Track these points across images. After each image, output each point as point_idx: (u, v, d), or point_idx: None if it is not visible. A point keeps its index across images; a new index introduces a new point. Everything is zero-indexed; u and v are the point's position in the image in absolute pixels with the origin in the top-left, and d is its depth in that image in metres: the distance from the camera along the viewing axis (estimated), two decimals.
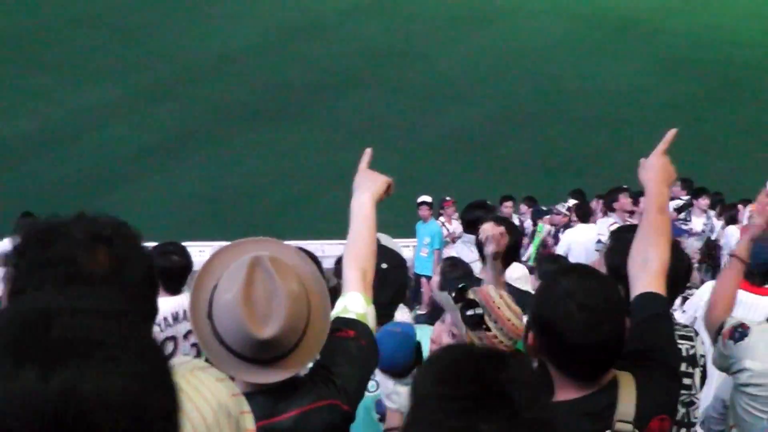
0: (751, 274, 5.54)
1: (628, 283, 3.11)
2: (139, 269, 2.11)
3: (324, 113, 31.48)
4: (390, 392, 3.30)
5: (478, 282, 5.65)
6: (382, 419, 3.53)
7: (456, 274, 7.79)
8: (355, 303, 3.10)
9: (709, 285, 6.50)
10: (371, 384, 4.02)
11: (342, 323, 3.01)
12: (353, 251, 3.24)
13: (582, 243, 12.21)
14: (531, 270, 8.58)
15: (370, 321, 3.10)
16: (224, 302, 2.67)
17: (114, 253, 2.06)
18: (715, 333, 3.87)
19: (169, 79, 32.72)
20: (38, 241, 2.06)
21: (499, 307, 3.48)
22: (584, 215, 13.52)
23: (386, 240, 4.46)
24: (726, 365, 3.84)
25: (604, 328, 2.68)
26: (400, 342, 3.41)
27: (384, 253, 4.35)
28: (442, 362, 1.98)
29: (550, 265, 7.66)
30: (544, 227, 15.47)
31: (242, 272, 2.66)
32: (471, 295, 3.58)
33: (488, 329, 3.50)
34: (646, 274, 3.03)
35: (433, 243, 15.08)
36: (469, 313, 3.53)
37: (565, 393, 2.77)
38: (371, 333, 3.07)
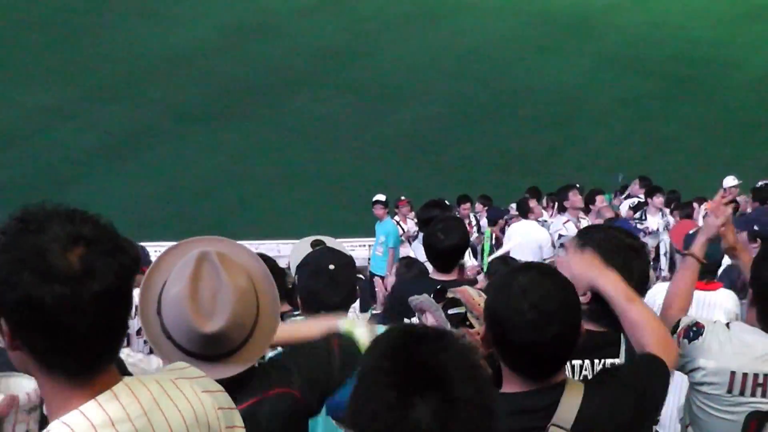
0: (701, 273, 5.58)
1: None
2: (108, 280, 2.01)
3: (275, 113, 31.37)
4: None
5: (432, 282, 5.67)
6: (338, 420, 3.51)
7: (411, 273, 7.80)
8: (360, 330, 3.14)
9: (660, 285, 6.55)
10: None
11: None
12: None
13: (521, 234, 12.32)
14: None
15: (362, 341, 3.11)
16: (171, 297, 2.66)
17: (88, 258, 1.99)
18: (670, 332, 3.88)
19: (121, 80, 32.45)
20: (17, 232, 2.00)
21: (480, 305, 3.48)
22: (523, 211, 13.60)
23: (330, 242, 4.44)
24: (680, 364, 3.85)
25: (552, 329, 2.68)
26: None
27: (330, 254, 4.32)
28: (386, 339, 2.04)
29: (499, 265, 7.67)
30: (491, 232, 15.49)
31: (189, 267, 2.64)
32: (451, 294, 3.58)
33: (471, 326, 3.51)
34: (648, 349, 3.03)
35: (387, 241, 15.09)
36: (453, 311, 3.54)
37: (511, 387, 2.78)
38: (353, 345, 3.06)
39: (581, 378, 3.27)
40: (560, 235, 11.98)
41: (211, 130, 29.84)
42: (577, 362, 3.33)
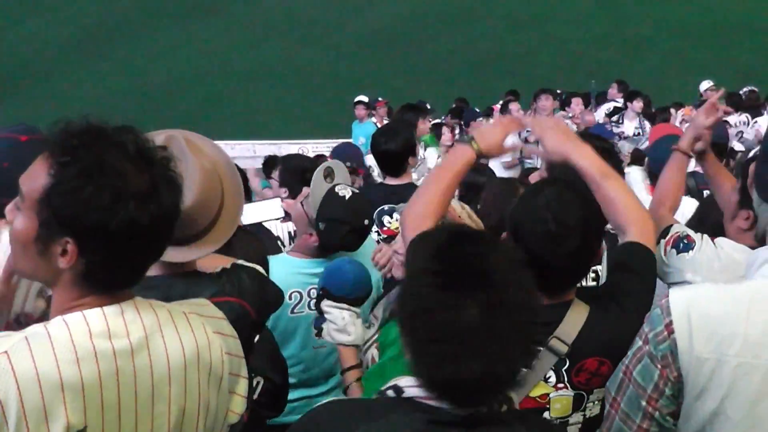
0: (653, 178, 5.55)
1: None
2: (174, 195, 2.06)
3: (250, 9, 31.01)
4: (346, 324, 3.26)
5: (385, 188, 5.68)
6: (319, 334, 3.51)
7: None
8: None
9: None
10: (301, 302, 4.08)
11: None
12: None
13: None
14: None
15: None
16: None
17: (155, 173, 2.01)
18: (659, 236, 3.86)
19: None
20: (90, 144, 1.97)
21: (459, 216, 3.47)
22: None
23: (338, 169, 4.39)
24: (663, 272, 3.84)
25: (570, 244, 2.70)
26: (360, 266, 3.38)
27: (363, 206, 4.29)
28: (432, 239, 2.09)
29: (473, 175, 7.62)
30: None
31: None
32: None
33: None
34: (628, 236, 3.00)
35: (366, 144, 14.96)
36: None
37: None
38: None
39: None
40: (527, 131, 12.04)
41: (184, 26, 29.50)
42: None
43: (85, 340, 1.97)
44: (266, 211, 5.22)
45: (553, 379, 2.75)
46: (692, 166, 7.19)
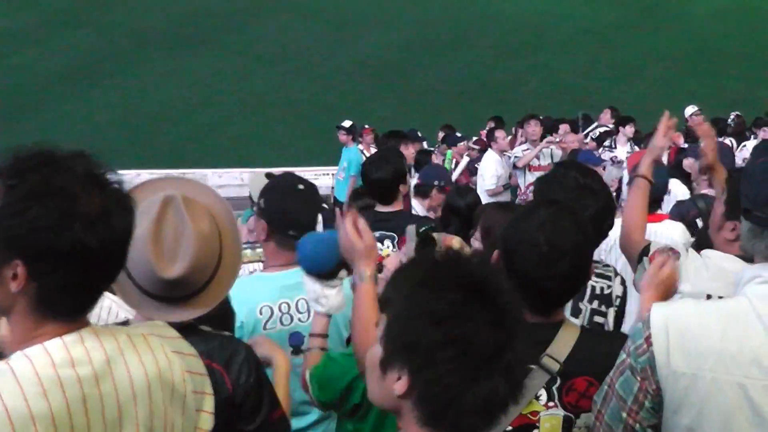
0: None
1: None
2: (126, 219, 2.06)
3: (238, 40, 31.11)
4: (318, 296, 3.28)
5: (376, 214, 5.72)
6: (296, 352, 3.53)
7: (362, 203, 7.88)
8: None
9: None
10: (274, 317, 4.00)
11: None
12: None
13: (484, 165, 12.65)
14: None
15: None
16: (134, 238, 2.65)
17: (106, 197, 2.01)
18: (639, 255, 3.89)
19: (84, 4, 32.00)
20: (39, 167, 1.97)
21: None
22: (488, 140, 13.71)
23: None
24: None
25: (562, 266, 2.72)
26: (319, 239, 3.38)
27: (295, 176, 4.33)
28: (419, 263, 2.04)
29: (454, 197, 7.67)
30: (451, 154, 15.42)
31: (154, 209, 2.63)
32: (435, 236, 3.61)
33: None
34: None
35: (349, 168, 15.02)
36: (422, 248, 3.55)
37: None
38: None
39: None
40: (515, 157, 12.25)
41: (173, 56, 29.54)
42: None
43: (49, 372, 1.97)
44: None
45: (544, 398, 2.77)
46: (704, 188, 7.24)
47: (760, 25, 33.47)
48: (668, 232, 6.23)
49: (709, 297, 3.66)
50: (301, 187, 4.10)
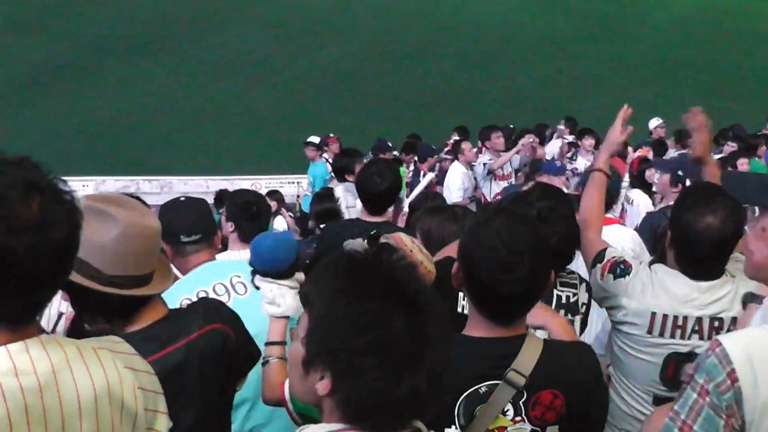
0: None
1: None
2: (67, 227, 2.00)
3: (199, 48, 31.00)
4: (274, 296, 3.25)
5: (363, 224, 5.73)
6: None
7: (321, 207, 7.98)
8: None
9: None
10: None
11: None
12: None
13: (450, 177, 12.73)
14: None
15: None
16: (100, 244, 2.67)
17: (47, 205, 1.96)
18: (593, 259, 3.92)
19: (42, 12, 31.76)
20: None
21: (411, 251, 3.47)
22: (454, 153, 13.74)
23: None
24: (600, 297, 3.91)
25: (521, 270, 2.71)
26: (277, 239, 3.38)
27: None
28: (337, 264, 2.03)
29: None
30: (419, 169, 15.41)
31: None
32: (384, 240, 3.57)
33: None
34: None
35: (314, 184, 14.83)
36: None
37: (475, 330, 2.82)
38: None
39: None
40: (484, 164, 12.61)
41: (133, 64, 29.40)
42: None
43: None
44: None
45: (511, 413, 2.75)
46: (672, 200, 7.28)
47: (718, 35, 33.83)
48: (617, 237, 6.27)
49: (653, 314, 3.71)
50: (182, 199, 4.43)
